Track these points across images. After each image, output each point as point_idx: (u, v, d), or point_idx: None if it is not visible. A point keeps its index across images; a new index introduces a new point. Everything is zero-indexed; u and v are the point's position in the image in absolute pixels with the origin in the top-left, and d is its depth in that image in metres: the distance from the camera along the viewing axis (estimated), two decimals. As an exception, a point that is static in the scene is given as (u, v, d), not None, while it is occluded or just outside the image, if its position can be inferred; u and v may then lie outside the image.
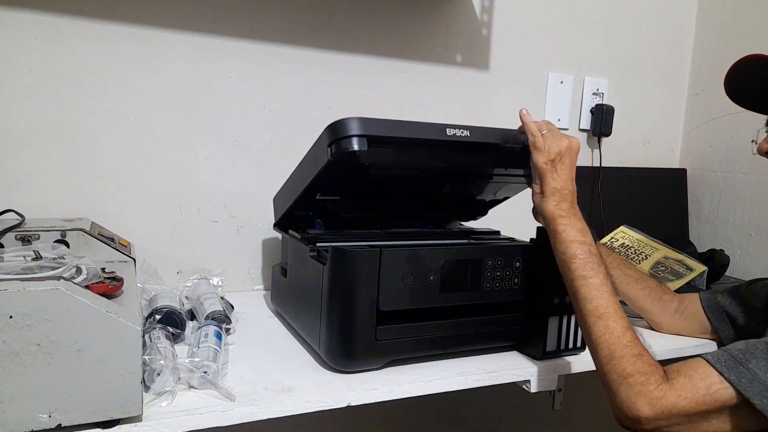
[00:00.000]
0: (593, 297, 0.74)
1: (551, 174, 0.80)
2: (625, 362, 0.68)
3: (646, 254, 1.29)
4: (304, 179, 0.87)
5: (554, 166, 0.80)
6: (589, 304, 0.74)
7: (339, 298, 0.77)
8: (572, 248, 0.77)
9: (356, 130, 0.75)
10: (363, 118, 0.76)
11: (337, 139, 0.76)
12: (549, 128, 0.83)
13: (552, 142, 0.80)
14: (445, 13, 1.30)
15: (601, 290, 0.74)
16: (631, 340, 0.70)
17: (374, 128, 0.76)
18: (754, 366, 0.66)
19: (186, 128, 1.09)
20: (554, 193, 0.80)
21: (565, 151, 0.80)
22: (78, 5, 0.99)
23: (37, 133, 0.99)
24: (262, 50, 1.13)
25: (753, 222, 1.47)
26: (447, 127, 0.81)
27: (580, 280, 0.75)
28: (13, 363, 0.55)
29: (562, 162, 0.80)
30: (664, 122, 1.65)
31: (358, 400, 0.74)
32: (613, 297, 0.74)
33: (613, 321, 0.72)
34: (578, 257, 0.76)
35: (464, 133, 0.81)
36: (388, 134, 0.77)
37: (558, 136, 0.82)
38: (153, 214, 1.09)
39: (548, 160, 0.80)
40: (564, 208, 0.79)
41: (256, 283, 1.20)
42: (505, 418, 1.54)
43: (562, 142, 0.81)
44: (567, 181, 0.81)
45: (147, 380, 0.67)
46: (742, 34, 1.51)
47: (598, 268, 0.76)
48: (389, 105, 1.27)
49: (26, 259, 0.67)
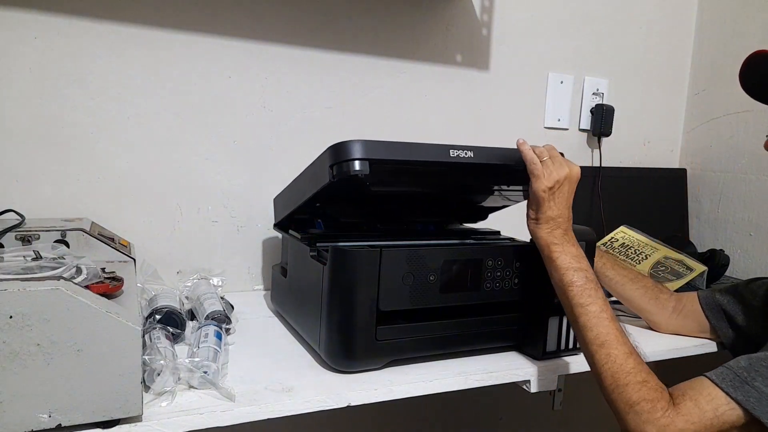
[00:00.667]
0: (593, 325, 0.74)
1: (548, 202, 0.80)
2: (630, 390, 0.68)
3: (646, 254, 1.29)
4: (305, 192, 0.88)
5: (552, 194, 0.80)
6: (589, 333, 0.74)
7: (339, 298, 0.77)
8: (568, 276, 0.77)
9: (358, 153, 0.74)
10: (365, 141, 0.75)
11: (338, 161, 0.75)
12: (551, 154, 0.82)
13: (552, 170, 0.80)
14: (445, 13, 1.30)
15: (600, 317, 0.74)
16: (634, 367, 0.70)
17: (376, 151, 0.75)
18: (761, 384, 0.66)
19: (186, 128, 1.09)
20: (548, 220, 0.80)
21: (564, 180, 0.80)
22: (78, 5, 0.99)
23: (37, 133, 0.99)
24: (262, 50, 1.13)
25: (753, 222, 1.47)
26: (450, 149, 0.80)
27: (578, 308, 0.75)
28: (13, 363, 0.55)
29: (561, 190, 0.80)
30: (664, 122, 1.65)
31: (358, 400, 0.74)
32: (613, 322, 0.74)
33: (614, 348, 0.71)
34: (575, 284, 0.76)
35: (468, 154, 0.81)
36: (390, 157, 0.77)
37: (559, 163, 0.81)
38: (153, 214, 1.09)
39: (547, 187, 0.80)
40: (557, 236, 0.80)
41: (256, 283, 1.20)
42: (505, 418, 1.54)
43: (562, 170, 0.80)
44: (563, 209, 0.81)
45: (147, 380, 0.67)
46: (742, 34, 1.51)
47: (595, 294, 0.76)
48: (389, 105, 1.27)
49: (26, 259, 0.67)
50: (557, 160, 0.81)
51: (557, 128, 1.48)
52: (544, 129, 1.47)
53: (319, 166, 0.81)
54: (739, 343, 0.97)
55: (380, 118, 1.26)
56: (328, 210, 0.96)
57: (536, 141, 1.48)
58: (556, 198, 0.80)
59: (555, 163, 0.81)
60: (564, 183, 0.80)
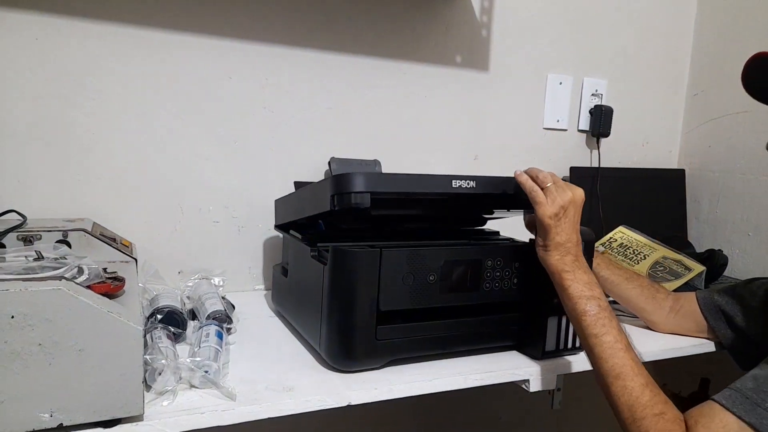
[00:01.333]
0: (607, 356, 0.73)
1: (555, 228, 0.79)
2: (646, 424, 0.68)
3: (645, 254, 1.29)
4: (305, 210, 0.88)
5: (558, 220, 0.79)
6: (604, 364, 0.73)
7: (339, 297, 0.78)
8: (581, 305, 0.76)
9: (359, 187, 0.75)
10: (367, 174, 0.76)
11: (340, 192, 0.76)
12: (553, 180, 0.82)
13: (556, 196, 0.79)
14: (445, 14, 1.30)
15: (614, 348, 0.73)
16: (651, 399, 0.69)
17: (378, 184, 0.76)
18: None
19: (186, 128, 1.09)
20: (558, 247, 0.79)
21: (569, 204, 0.79)
22: (78, 5, 0.99)
23: (38, 134, 0.99)
24: (262, 50, 1.14)
25: (752, 222, 1.48)
26: (452, 179, 0.80)
27: (592, 338, 0.75)
28: (15, 363, 0.55)
29: (566, 215, 0.79)
30: (663, 123, 1.65)
31: (358, 399, 0.74)
32: (628, 352, 0.73)
33: (630, 380, 0.71)
34: (588, 314, 0.75)
35: (470, 184, 0.81)
36: (391, 189, 0.77)
37: (562, 189, 0.80)
38: (154, 214, 1.09)
39: (552, 214, 0.79)
40: (568, 262, 0.79)
41: (257, 282, 1.20)
42: (505, 418, 1.54)
43: (565, 195, 0.80)
44: (571, 233, 0.80)
45: (148, 380, 0.67)
46: (741, 34, 1.51)
47: (609, 323, 0.75)
48: (389, 105, 1.27)
49: (28, 260, 0.67)
50: (560, 186, 0.81)
51: (556, 129, 1.49)
52: (543, 130, 1.47)
53: (320, 191, 0.81)
54: (738, 344, 0.97)
55: (380, 119, 1.27)
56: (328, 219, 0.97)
57: (536, 141, 1.49)
58: (563, 224, 0.79)
59: (558, 188, 0.80)
60: (569, 207, 0.80)
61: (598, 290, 0.78)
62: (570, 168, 1.48)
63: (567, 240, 0.79)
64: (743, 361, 0.97)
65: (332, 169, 1.15)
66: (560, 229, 0.79)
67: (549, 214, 0.79)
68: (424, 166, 1.33)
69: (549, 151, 1.49)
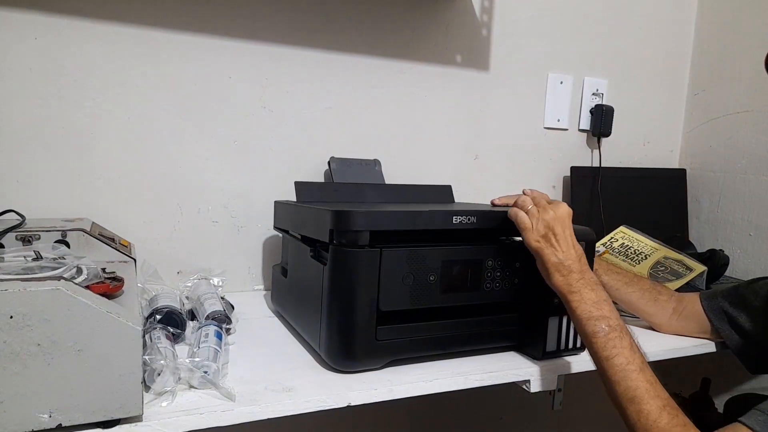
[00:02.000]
0: (620, 379, 0.70)
1: (547, 250, 0.77)
2: None
3: (646, 254, 1.29)
4: (304, 230, 0.89)
5: (548, 241, 0.78)
6: (617, 387, 0.70)
7: (339, 298, 0.78)
8: (590, 326, 0.74)
9: (359, 226, 0.75)
10: (367, 213, 0.76)
11: (338, 229, 0.76)
12: (534, 201, 0.80)
13: (539, 217, 0.78)
14: (445, 14, 1.30)
15: (627, 370, 0.70)
16: (669, 422, 0.66)
17: (377, 222, 0.76)
18: None
19: (186, 128, 1.09)
20: (557, 267, 0.77)
21: (554, 222, 0.78)
22: (78, 5, 0.99)
23: (38, 133, 0.99)
24: (262, 50, 1.13)
25: (753, 222, 1.47)
26: (453, 215, 0.80)
27: (603, 362, 0.72)
28: (14, 363, 0.55)
29: (554, 233, 0.78)
30: (664, 122, 1.65)
31: (358, 400, 0.74)
32: (642, 373, 0.70)
33: (645, 403, 0.68)
34: (597, 336, 0.73)
35: (470, 219, 0.81)
36: (391, 228, 0.77)
37: (543, 208, 0.79)
38: (153, 214, 1.09)
39: (539, 237, 0.78)
40: (572, 282, 0.76)
41: (257, 283, 1.20)
42: (505, 418, 1.54)
43: (546, 214, 0.78)
44: (568, 250, 0.77)
45: (147, 380, 0.67)
46: (742, 34, 1.51)
47: (620, 343, 0.72)
48: (389, 105, 1.27)
49: (27, 260, 0.67)
50: (541, 206, 0.79)
51: (557, 128, 1.49)
52: (543, 129, 1.47)
53: (320, 219, 0.81)
54: (743, 345, 0.96)
55: (380, 119, 1.26)
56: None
57: (536, 141, 1.49)
58: (553, 242, 0.77)
59: (540, 209, 0.79)
60: (555, 225, 0.78)
61: (608, 307, 0.75)
62: (570, 168, 1.48)
63: (564, 258, 0.77)
64: (749, 363, 0.97)
65: (332, 169, 1.15)
66: (553, 249, 0.77)
67: (535, 238, 0.78)
68: (424, 166, 1.32)
69: (549, 150, 1.49)
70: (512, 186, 1.45)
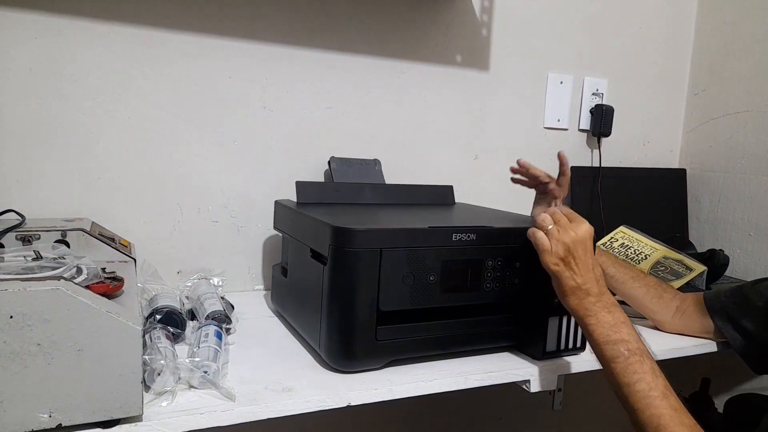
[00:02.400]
0: (643, 407, 0.67)
1: (565, 273, 0.75)
2: None
3: (646, 254, 1.29)
4: (304, 239, 0.88)
5: (567, 264, 0.74)
6: (641, 415, 0.67)
7: (339, 298, 0.77)
8: (608, 350, 0.71)
9: (359, 245, 0.75)
10: (368, 231, 0.75)
11: (337, 245, 0.76)
12: (556, 219, 0.77)
13: (558, 238, 0.75)
14: (445, 14, 1.30)
15: (649, 396, 0.67)
16: None
17: (377, 240, 0.76)
18: None
19: (186, 128, 1.09)
20: (574, 291, 0.74)
21: (575, 244, 0.74)
22: (78, 5, 0.99)
23: (38, 133, 0.99)
24: (262, 50, 1.13)
25: (753, 222, 1.47)
26: (453, 232, 0.80)
27: (624, 388, 0.69)
28: (14, 363, 0.55)
29: (575, 256, 0.74)
30: (664, 122, 1.65)
31: (358, 400, 0.74)
32: (666, 400, 0.67)
33: (670, 430, 0.65)
34: (617, 360, 0.70)
35: (470, 237, 0.81)
36: (391, 246, 0.76)
37: (564, 229, 0.76)
38: (153, 214, 1.09)
39: (558, 260, 0.75)
40: (588, 306, 0.74)
41: (257, 282, 1.20)
42: (505, 418, 1.54)
43: (567, 235, 0.75)
44: (587, 274, 0.74)
45: (147, 380, 0.67)
46: (742, 34, 1.51)
47: (641, 367, 0.69)
48: (389, 105, 1.27)
49: (26, 259, 0.67)
50: (562, 225, 0.76)
51: (557, 128, 1.49)
52: (543, 129, 1.47)
53: (321, 231, 0.81)
54: (746, 346, 0.96)
55: (380, 119, 1.26)
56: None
57: (536, 141, 1.49)
58: (572, 266, 0.74)
59: (560, 229, 0.76)
60: (576, 247, 0.74)
61: (626, 330, 0.72)
62: (571, 167, 1.47)
63: (583, 282, 0.74)
64: (753, 363, 0.96)
65: (332, 169, 1.15)
66: (572, 272, 0.74)
67: (553, 261, 0.75)
68: (424, 166, 1.32)
69: (549, 150, 1.48)
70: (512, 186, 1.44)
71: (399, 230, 0.78)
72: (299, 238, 0.91)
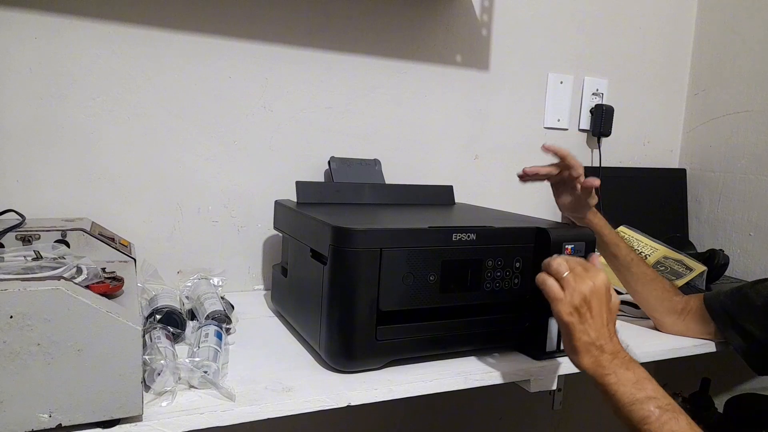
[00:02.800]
0: None
1: (579, 326, 0.69)
2: None
3: (646, 254, 1.29)
4: (304, 240, 0.88)
5: (581, 315, 0.69)
6: None
7: (339, 298, 0.77)
8: (636, 412, 0.64)
9: (359, 245, 0.75)
10: (368, 231, 0.75)
11: (337, 245, 0.76)
12: (570, 267, 0.71)
13: (575, 287, 0.69)
14: (445, 14, 1.30)
15: None
16: None
17: (377, 240, 0.76)
18: None
19: (186, 128, 1.09)
20: (588, 348, 0.68)
21: (591, 295, 0.69)
22: (78, 5, 0.99)
23: (37, 133, 0.99)
24: (262, 50, 1.13)
25: (753, 222, 1.47)
26: (453, 232, 0.80)
27: None
28: (14, 363, 0.55)
29: (590, 307, 0.69)
30: (664, 122, 1.65)
31: (358, 400, 0.74)
32: None
33: None
34: (649, 421, 0.63)
35: (470, 236, 0.81)
36: (392, 246, 0.76)
37: (581, 277, 0.70)
38: (153, 214, 1.09)
39: (572, 309, 0.69)
40: (605, 363, 0.68)
41: (257, 282, 1.20)
42: (505, 418, 1.54)
43: (584, 284, 0.69)
44: (602, 329, 0.69)
45: (147, 380, 0.67)
46: (742, 34, 1.51)
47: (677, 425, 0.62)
48: (389, 105, 1.27)
49: (27, 259, 0.67)
50: (578, 274, 0.70)
51: (557, 128, 1.49)
52: (543, 129, 1.47)
53: (321, 231, 0.81)
54: (746, 346, 0.96)
55: (380, 119, 1.26)
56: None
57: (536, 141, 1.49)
58: (587, 319, 0.69)
59: (576, 278, 0.70)
60: (591, 298, 0.69)
61: (651, 386, 0.66)
62: (570, 168, 1.47)
63: (597, 337, 0.68)
64: (755, 364, 0.96)
65: (332, 169, 1.15)
66: (585, 325, 0.69)
67: (568, 311, 0.69)
68: (424, 166, 1.32)
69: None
70: (512, 186, 1.45)
71: (399, 230, 0.78)
72: (299, 238, 0.91)
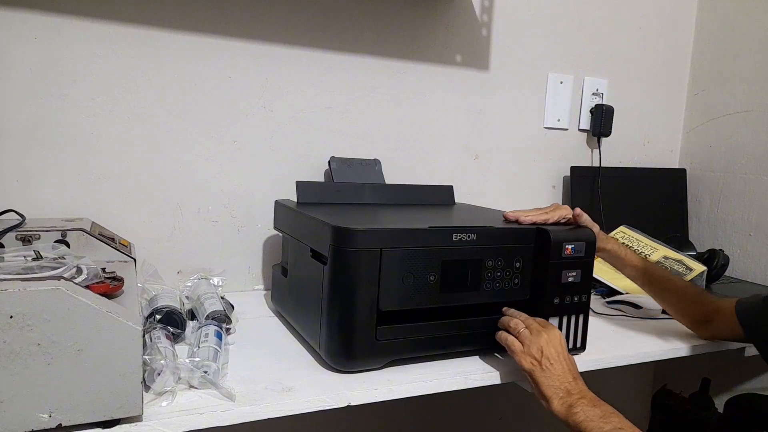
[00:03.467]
0: None
1: (540, 374, 0.77)
2: None
3: (646, 254, 1.29)
4: (304, 240, 0.89)
5: (541, 364, 0.77)
6: None
7: (339, 298, 0.78)
8: None
9: (360, 245, 0.75)
10: (368, 231, 0.75)
11: (337, 245, 0.76)
12: (526, 324, 0.81)
13: (531, 340, 0.79)
14: (445, 14, 1.30)
15: None
16: None
17: (377, 240, 0.76)
18: None
19: (186, 128, 1.09)
20: (554, 394, 0.76)
21: (546, 345, 0.78)
22: (78, 5, 0.99)
23: (38, 133, 0.99)
24: (262, 50, 1.13)
25: (753, 222, 1.47)
26: (453, 232, 0.80)
27: None
28: (14, 363, 0.55)
29: (548, 357, 0.77)
30: (664, 122, 1.65)
31: (358, 400, 0.74)
32: None
33: None
34: None
35: (470, 236, 0.81)
36: (392, 246, 0.77)
37: (535, 331, 0.80)
38: (153, 214, 1.09)
39: (531, 359, 0.78)
40: (572, 402, 0.74)
41: (257, 282, 1.20)
42: (505, 418, 1.54)
43: (539, 337, 0.79)
44: (563, 373, 0.77)
45: (147, 380, 0.67)
46: (742, 34, 1.51)
47: None
48: (389, 105, 1.27)
49: (27, 259, 0.67)
50: (533, 329, 0.80)
51: (557, 128, 1.49)
52: (543, 129, 1.47)
53: (321, 231, 0.81)
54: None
55: (380, 119, 1.26)
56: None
57: (536, 141, 1.49)
58: (547, 366, 0.77)
59: (532, 332, 0.80)
60: (548, 348, 0.78)
61: (617, 419, 0.72)
62: (571, 167, 1.48)
63: (560, 383, 0.76)
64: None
65: (332, 169, 1.15)
66: (548, 372, 0.77)
67: (528, 360, 0.78)
68: (424, 166, 1.32)
69: (549, 150, 1.49)
70: (512, 186, 1.45)
71: (399, 230, 0.78)
72: (299, 238, 0.91)
